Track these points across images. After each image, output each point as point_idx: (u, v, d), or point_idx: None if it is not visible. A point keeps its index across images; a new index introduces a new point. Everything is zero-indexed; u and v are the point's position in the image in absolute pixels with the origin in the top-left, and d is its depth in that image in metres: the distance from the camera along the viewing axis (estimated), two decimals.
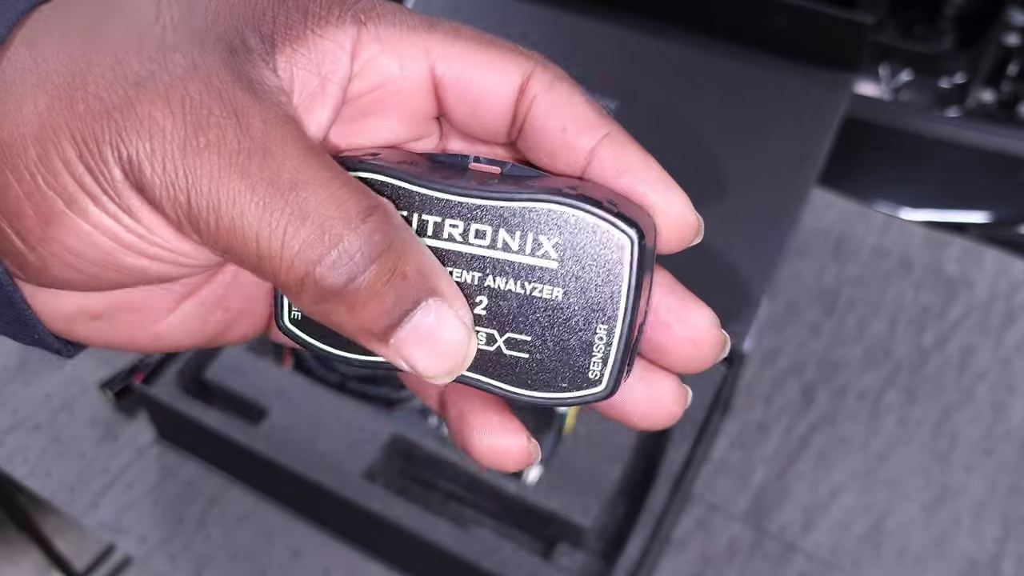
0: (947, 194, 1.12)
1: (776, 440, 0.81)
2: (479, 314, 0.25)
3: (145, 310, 0.26)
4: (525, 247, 0.24)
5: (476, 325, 0.25)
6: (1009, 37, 1.27)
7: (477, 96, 0.24)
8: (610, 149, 0.24)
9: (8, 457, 0.79)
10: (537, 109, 0.24)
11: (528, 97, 0.24)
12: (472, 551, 0.67)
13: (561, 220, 0.23)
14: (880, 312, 0.92)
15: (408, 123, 0.25)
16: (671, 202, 0.25)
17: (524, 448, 0.26)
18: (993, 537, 0.75)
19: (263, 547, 0.73)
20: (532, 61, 0.25)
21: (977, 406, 0.84)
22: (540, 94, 0.24)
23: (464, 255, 0.24)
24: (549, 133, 0.24)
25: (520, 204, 0.23)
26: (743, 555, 0.74)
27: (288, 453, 0.72)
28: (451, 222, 0.24)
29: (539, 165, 0.26)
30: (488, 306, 0.25)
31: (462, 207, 0.24)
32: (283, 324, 0.26)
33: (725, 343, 0.26)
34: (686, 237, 0.26)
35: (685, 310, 0.26)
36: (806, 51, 0.78)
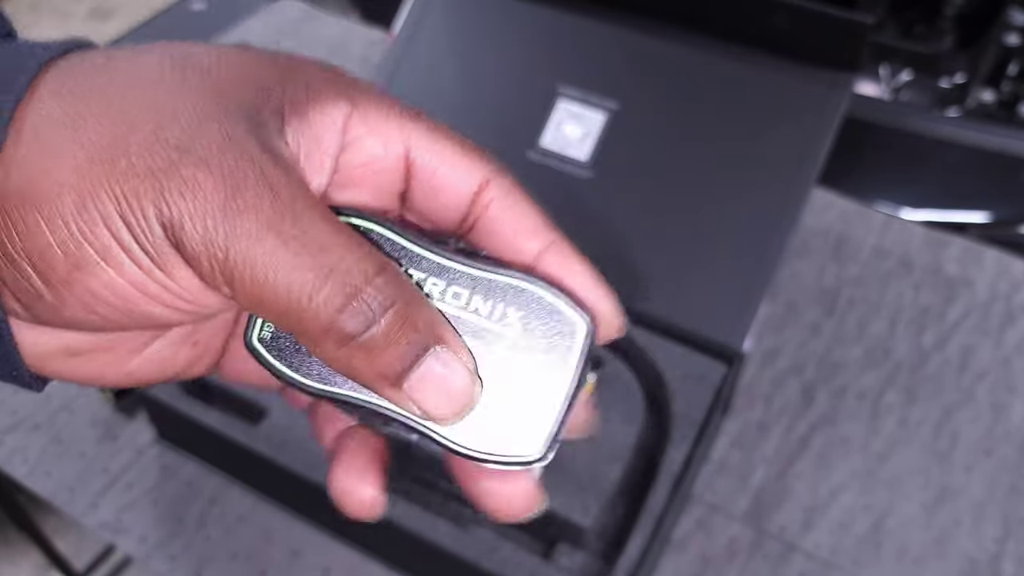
0: (947, 194, 1.13)
1: (776, 440, 0.81)
2: None
3: (120, 349, 0.27)
4: (493, 314, 0.27)
5: None
6: (1009, 37, 1.27)
7: (440, 185, 0.27)
8: (556, 255, 0.28)
9: (8, 457, 0.79)
10: (493, 210, 0.27)
11: (485, 198, 0.27)
12: (472, 551, 0.67)
13: (528, 297, 0.27)
14: (880, 312, 0.92)
15: (379, 196, 0.28)
16: (605, 304, 0.28)
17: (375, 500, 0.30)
18: (993, 537, 0.75)
19: (263, 547, 0.74)
20: (494, 167, 0.28)
21: (977, 406, 0.84)
22: (497, 198, 0.27)
23: (441, 312, 0.27)
24: (501, 234, 0.28)
25: (494, 276, 0.27)
26: (743, 555, 0.74)
27: (288, 453, 0.72)
28: (433, 280, 0.27)
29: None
30: None
31: (444, 269, 0.27)
32: (251, 343, 0.28)
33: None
34: (610, 335, 0.28)
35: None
36: (806, 51, 0.78)
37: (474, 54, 0.89)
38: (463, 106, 0.88)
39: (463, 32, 0.90)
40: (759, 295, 0.77)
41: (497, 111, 0.87)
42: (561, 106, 0.85)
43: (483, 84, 0.88)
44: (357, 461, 0.30)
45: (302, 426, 0.74)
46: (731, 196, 0.80)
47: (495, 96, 0.87)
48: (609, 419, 0.75)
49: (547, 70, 0.86)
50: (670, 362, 0.78)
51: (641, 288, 0.81)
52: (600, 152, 0.83)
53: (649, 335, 0.79)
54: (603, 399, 0.76)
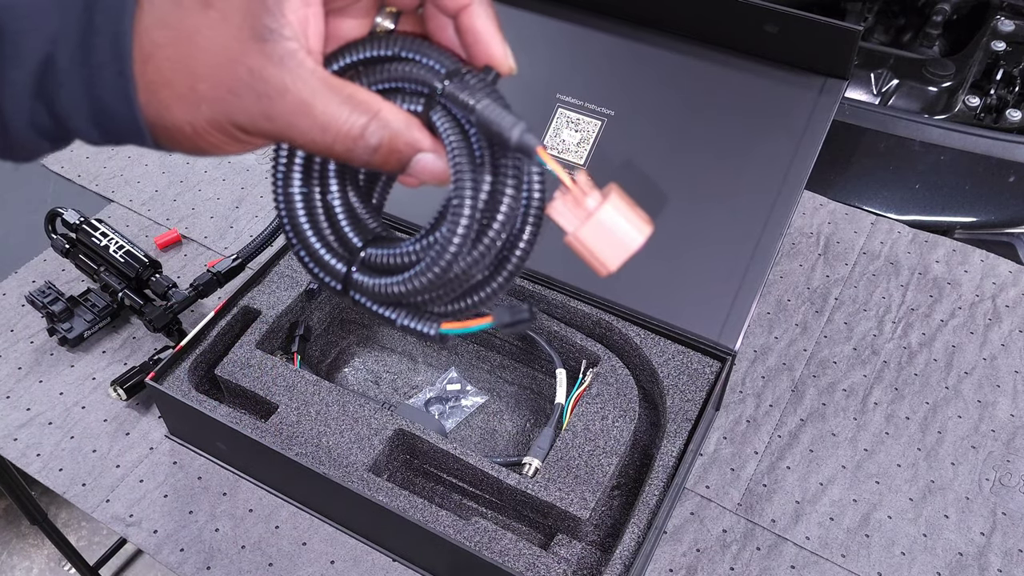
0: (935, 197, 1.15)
1: (767, 435, 0.84)
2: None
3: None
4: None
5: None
6: (996, 44, 1.29)
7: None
8: (480, 8, 0.38)
9: (22, 452, 0.81)
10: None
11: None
12: (473, 542, 0.69)
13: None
14: (868, 311, 0.94)
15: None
16: (498, 47, 0.39)
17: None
18: (980, 530, 0.77)
19: (271, 538, 0.75)
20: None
21: (963, 403, 0.87)
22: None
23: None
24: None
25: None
26: (735, 546, 0.76)
27: (296, 447, 0.74)
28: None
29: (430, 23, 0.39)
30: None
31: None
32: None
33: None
34: (504, 71, 0.39)
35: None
36: (797, 57, 0.80)
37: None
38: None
39: None
40: (751, 295, 0.79)
41: None
42: (560, 113, 0.87)
43: None
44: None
45: (310, 421, 0.76)
46: (724, 198, 0.82)
47: None
48: (606, 414, 0.77)
49: (547, 79, 0.88)
50: (664, 360, 0.80)
51: (636, 288, 0.83)
52: (596, 157, 0.85)
53: (644, 334, 0.82)
54: (600, 395, 0.78)
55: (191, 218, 1.02)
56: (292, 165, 0.39)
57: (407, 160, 0.37)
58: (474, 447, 0.81)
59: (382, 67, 0.38)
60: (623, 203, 0.36)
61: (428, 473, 0.78)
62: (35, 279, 0.96)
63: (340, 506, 0.74)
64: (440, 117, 0.37)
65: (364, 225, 0.41)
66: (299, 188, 0.39)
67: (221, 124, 0.35)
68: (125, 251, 0.90)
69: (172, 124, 0.35)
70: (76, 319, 0.89)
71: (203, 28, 0.34)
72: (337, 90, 0.35)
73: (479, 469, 0.73)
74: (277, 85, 0.34)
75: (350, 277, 0.39)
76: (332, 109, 0.35)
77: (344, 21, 0.39)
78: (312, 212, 0.40)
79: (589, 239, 0.36)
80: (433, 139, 0.37)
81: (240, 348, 0.81)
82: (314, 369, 0.85)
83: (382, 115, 0.36)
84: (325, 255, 0.40)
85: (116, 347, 0.90)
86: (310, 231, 0.40)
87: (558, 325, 0.83)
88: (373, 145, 0.36)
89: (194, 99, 0.34)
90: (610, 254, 0.36)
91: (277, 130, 0.35)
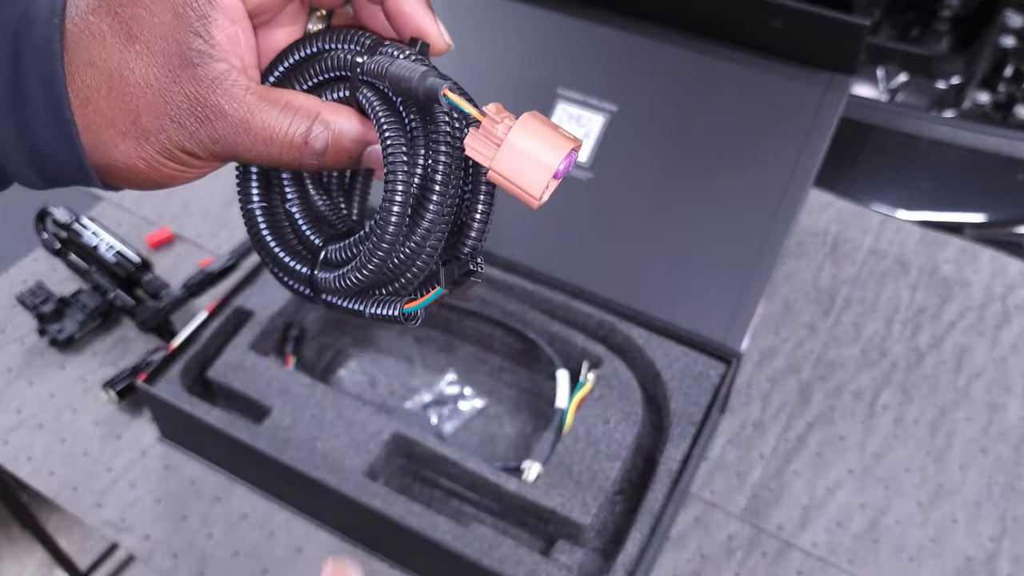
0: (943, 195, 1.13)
1: (773, 439, 0.82)
2: None
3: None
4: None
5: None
6: (1005, 39, 1.28)
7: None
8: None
9: (12, 456, 0.80)
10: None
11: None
12: (472, 548, 0.68)
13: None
14: (876, 312, 0.93)
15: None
16: (432, 27, 0.38)
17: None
18: (989, 535, 0.76)
19: (265, 545, 0.74)
20: None
21: (973, 405, 0.85)
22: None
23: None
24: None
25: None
26: (741, 552, 0.74)
27: (290, 452, 0.73)
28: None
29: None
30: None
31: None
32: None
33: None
34: (440, 50, 0.38)
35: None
36: (803, 53, 0.79)
37: (474, 56, 0.90)
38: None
39: (464, 34, 0.91)
40: (756, 295, 0.78)
41: None
42: (560, 108, 0.85)
43: (483, 86, 0.89)
44: None
45: (304, 425, 0.74)
46: (729, 196, 0.81)
47: (495, 98, 0.88)
48: (608, 418, 0.75)
49: (546, 73, 0.87)
50: (668, 361, 0.79)
51: (639, 288, 0.81)
52: (599, 154, 0.84)
53: (648, 335, 0.80)
54: (602, 398, 0.77)
55: (184, 216, 1.01)
56: (248, 180, 0.39)
57: (357, 156, 0.37)
58: (473, 451, 0.80)
59: (308, 65, 0.38)
60: (537, 122, 0.34)
61: (426, 478, 0.77)
62: (25, 279, 0.94)
63: (336, 512, 0.73)
64: (365, 95, 0.36)
65: (330, 223, 0.40)
66: (258, 203, 0.39)
67: (173, 153, 0.35)
68: (116, 251, 0.88)
69: (124, 163, 0.35)
70: (67, 320, 0.87)
71: (131, 62, 0.34)
72: (273, 102, 0.35)
73: (478, 474, 0.72)
74: (215, 108, 0.34)
75: (314, 278, 0.38)
76: (271, 122, 0.35)
77: (275, 31, 0.38)
78: (274, 222, 0.39)
79: (505, 168, 0.33)
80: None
81: (233, 350, 0.79)
82: (309, 371, 0.84)
83: (323, 117, 0.36)
84: (290, 262, 0.39)
85: (107, 348, 0.88)
86: (273, 241, 0.39)
87: (559, 326, 0.81)
88: (319, 149, 0.36)
89: (140, 134, 0.34)
90: (530, 179, 0.33)
91: (225, 151, 0.35)
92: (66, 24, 0.33)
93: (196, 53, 0.34)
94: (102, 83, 0.34)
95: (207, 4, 0.34)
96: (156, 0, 0.34)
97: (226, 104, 0.34)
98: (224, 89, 0.34)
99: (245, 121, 0.35)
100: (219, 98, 0.34)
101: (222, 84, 0.34)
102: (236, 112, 0.34)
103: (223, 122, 0.34)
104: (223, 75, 0.34)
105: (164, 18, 0.34)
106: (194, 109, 0.34)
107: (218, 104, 0.34)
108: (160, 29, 0.33)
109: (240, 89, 0.35)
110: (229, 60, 0.35)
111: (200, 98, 0.34)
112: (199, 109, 0.34)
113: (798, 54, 0.79)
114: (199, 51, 0.34)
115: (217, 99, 0.34)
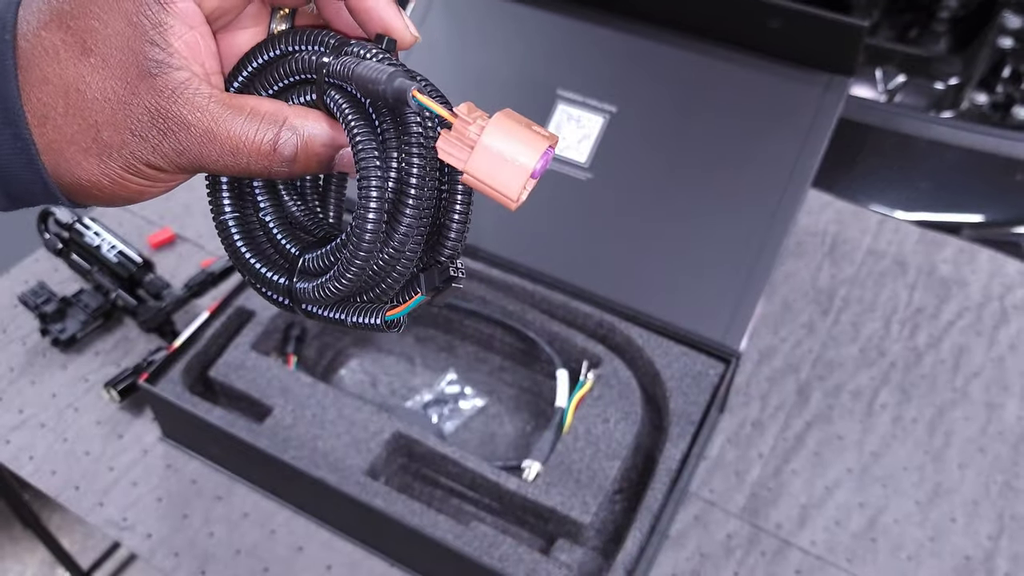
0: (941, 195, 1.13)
1: (772, 438, 0.82)
2: None
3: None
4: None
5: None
6: (1003, 40, 1.28)
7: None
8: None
9: (14, 455, 0.80)
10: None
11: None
12: (472, 547, 0.68)
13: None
14: (875, 312, 0.93)
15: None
16: (397, 21, 0.36)
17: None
18: (987, 534, 0.76)
19: (266, 543, 0.74)
20: None
21: (971, 405, 0.85)
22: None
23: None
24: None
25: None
26: (740, 551, 0.75)
27: (291, 451, 0.73)
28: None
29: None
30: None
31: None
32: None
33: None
34: (407, 43, 0.37)
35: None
36: (802, 54, 0.79)
37: (474, 58, 0.90)
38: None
39: (463, 36, 0.91)
40: (755, 295, 0.78)
41: None
42: (560, 109, 0.86)
43: (484, 87, 0.89)
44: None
45: (305, 424, 0.75)
46: (728, 197, 0.81)
47: (495, 99, 0.88)
48: (608, 417, 0.76)
49: (546, 74, 0.87)
50: (667, 361, 0.79)
51: (639, 288, 0.82)
52: (599, 154, 0.84)
53: (647, 334, 0.80)
54: (602, 398, 0.77)
55: (185, 217, 1.01)
56: (219, 190, 0.38)
57: (329, 160, 0.36)
58: (473, 450, 0.80)
59: (272, 69, 0.36)
60: (511, 122, 0.33)
61: (426, 477, 0.77)
62: (28, 279, 0.94)
63: (337, 511, 0.73)
64: (332, 98, 0.35)
65: (306, 229, 0.39)
66: (230, 213, 0.38)
67: (137, 168, 0.34)
68: (118, 251, 0.89)
69: (88, 180, 0.34)
70: (69, 320, 0.87)
71: (86, 76, 0.32)
72: (238, 109, 0.34)
73: (478, 473, 0.72)
74: (177, 119, 0.33)
75: (293, 288, 0.37)
76: (237, 131, 0.34)
77: (237, 34, 0.37)
78: (248, 233, 0.38)
79: (480, 170, 0.32)
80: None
81: (235, 349, 0.79)
82: (310, 371, 0.84)
83: (290, 122, 0.34)
84: (267, 273, 0.38)
85: (109, 348, 0.88)
86: (249, 253, 0.38)
87: (559, 326, 0.82)
88: (289, 156, 0.35)
89: (102, 150, 0.33)
90: (506, 180, 0.32)
91: (191, 163, 0.34)
92: (18, 41, 0.32)
93: (154, 63, 0.32)
94: (58, 99, 0.33)
95: (162, 11, 0.32)
96: (109, 10, 0.32)
97: (189, 114, 0.33)
98: (186, 99, 0.33)
99: (210, 131, 0.33)
100: (181, 108, 0.33)
101: (183, 94, 0.33)
102: (200, 122, 0.33)
103: (187, 133, 0.33)
104: (184, 84, 0.33)
105: (118, 28, 0.32)
106: (156, 121, 0.33)
107: (180, 115, 0.33)
108: (115, 40, 0.32)
109: (203, 98, 0.33)
110: (190, 67, 0.33)
111: (161, 109, 0.33)
112: (161, 121, 0.33)
113: (797, 55, 0.80)
114: (157, 60, 0.32)
115: (179, 109, 0.33)
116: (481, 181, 0.33)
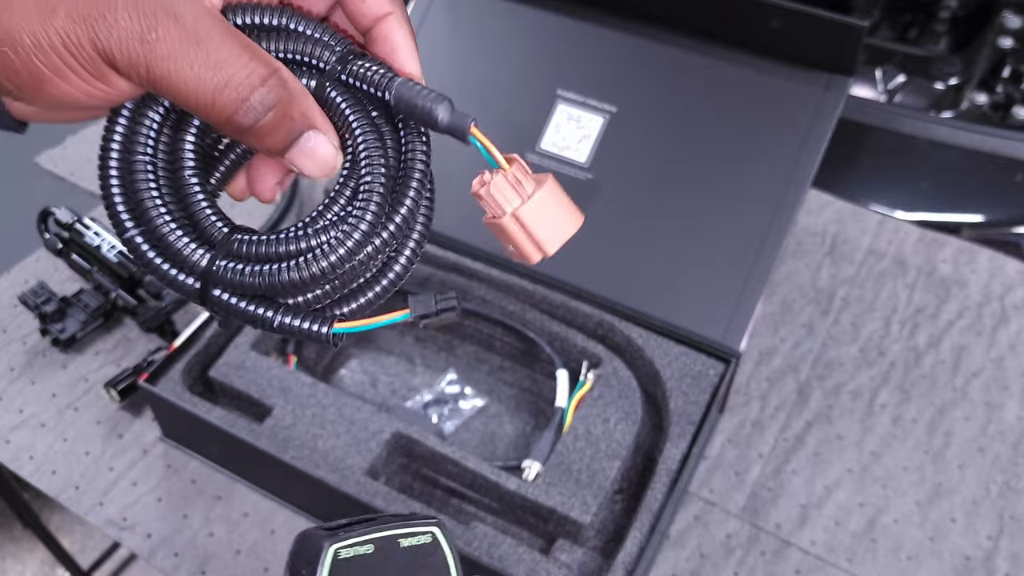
0: (941, 195, 1.13)
1: (772, 438, 0.82)
2: None
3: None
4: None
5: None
6: (1004, 40, 1.28)
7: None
8: (395, 23, 0.37)
9: (14, 455, 0.80)
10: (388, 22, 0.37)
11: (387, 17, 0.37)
12: (472, 547, 0.68)
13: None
14: (875, 312, 0.93)
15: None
16: (413, 65, 0.37)
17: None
18: (987, 534, 0.76)
19: (266, 543, 0.74)
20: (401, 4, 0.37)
21: (971, 405, 0.85)
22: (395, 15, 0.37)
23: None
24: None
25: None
26: (740, 551, 0.75)
27: (291, 451, 0.73)
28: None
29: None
30: None
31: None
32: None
33: None
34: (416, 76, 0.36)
35: None
36: (802, 54, 0.79)
37: (475, 58, 0.90)
38: (464, 109, 0.89)
39: (463, 36, 0.91)
40: (755, 295, 0.78)
41: (497, 114, 0.88)
42: (560, 108, 0.86)
43: (484, 87, 0.89)
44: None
45: (305, 424, 0.75)
46: (728, 197, 0.81)
47: (495, 99, 0.88)
48: (608, 417, 0.76)
49: (546, 74, 0.87)
50: (667, 361, 0.79)
51: (638, 288, 0.82)
52: (599, 154, 0.84)
53: (647, 334, 0.80)
54: (602, 398, 0.77)
55: None
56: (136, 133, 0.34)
57: (296, 135, 0.33)
58: (473, 450, 0.80)
59: (278, 35, 0.34)
60: (560, 189, 0.37)
61: (426, 477, 0.77)
62: (27, 279, 0.94)
63: (337, 510, 0.73)
64: (338, 92, 0.34)
65: (222, 219, 0.35)
66: (142, 154, 0.34)
67: (81, 46, 0.29)
68: (118, 251, 0.89)
69: (4, 35, 0.29)
70: (69, 320, 0.88)
71: None
72: (235, 34, 0.31)
73: (478, 473, 0.72)
74: (167, 7, 0.29)
75: (211, 269, 0.33)
76: (228, 50, 0.30)
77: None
78: (154, 179, 0.34)
79: (530, 218, 0.36)
80: (325, 120, 0.34)
81: (235, 349, 0.79)
82: (310, 371, 0.84)
83: (282, 73, 0.32)
84: (179, 242, 0.34)
85: (109, 348, 0.88)
86: (158, 204, 0.34)
87: (559, 326, 0.82)
88: (270, 102, 0.31)
89: (47, 5, 0.29)
90: (548, 236, 0.36)
91: (155, 63, 0.29)
92: None
93: None
94: None
95: None
96: None
97: (183, 9, 0.29)
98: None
99: (201, 32, 0.30)
100: (177, 1, 0.29)
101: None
102: (194, 22, 0.30)
103: (172, 26, 0.29)
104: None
105: None
106: (142, 2, 0.29)
107: (173, 5, 0.29)
108: None
109: (202, 4, 0.31)
110: None
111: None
112: (148, 3, 0.29)
113: (797, 55, 0.80)
114: None
115: (173, 1, 0.29)
116: (525, 226, 0.36)
